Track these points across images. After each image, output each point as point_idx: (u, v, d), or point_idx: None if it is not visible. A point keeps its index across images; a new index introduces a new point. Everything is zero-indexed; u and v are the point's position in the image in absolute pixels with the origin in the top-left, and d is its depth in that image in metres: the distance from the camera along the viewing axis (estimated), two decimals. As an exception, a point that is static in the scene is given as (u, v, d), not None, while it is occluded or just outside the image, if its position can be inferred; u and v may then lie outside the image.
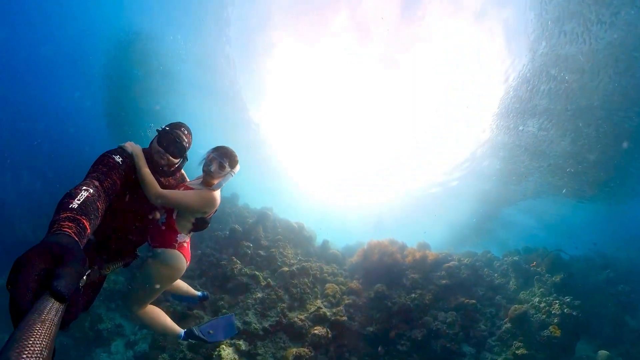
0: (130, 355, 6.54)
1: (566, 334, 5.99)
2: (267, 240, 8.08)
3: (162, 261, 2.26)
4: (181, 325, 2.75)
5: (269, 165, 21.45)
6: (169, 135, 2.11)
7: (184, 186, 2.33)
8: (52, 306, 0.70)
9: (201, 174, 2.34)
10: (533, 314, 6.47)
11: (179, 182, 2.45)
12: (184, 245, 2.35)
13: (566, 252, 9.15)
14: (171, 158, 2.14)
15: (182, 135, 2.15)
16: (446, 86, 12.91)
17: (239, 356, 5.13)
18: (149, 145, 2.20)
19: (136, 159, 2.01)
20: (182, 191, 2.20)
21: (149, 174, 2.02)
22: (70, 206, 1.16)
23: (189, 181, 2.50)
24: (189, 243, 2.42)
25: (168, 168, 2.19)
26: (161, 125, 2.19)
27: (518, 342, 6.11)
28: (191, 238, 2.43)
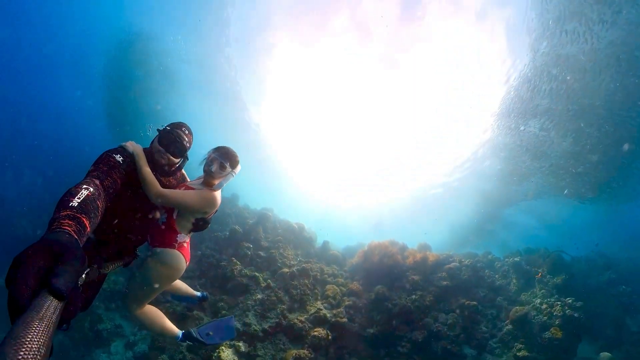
0: (130, 356, 6.53)
1: (568, 335, 5.95)
2: (267, 241, 8.05)
3: (161, 261, 2.26)
4: (181, 326, 2.74)
5: (269, 166, 21.42)
6: (169, 135, 2.12)
7: (185, 186, 2.33)
8: (51, 304, 0.69)
9: (202, 174, 2.33)
10: (534, 315, 6.43)
11: (179, 182, 2.46)
12: (184, 245, 2.35)
13: (567, 253, 9.12)
14: (172, 158, 2.14)
15: (183, 135, 2.16)
16: (446, 86, 12.89)
17: (238, 357, 5.11)
18: (150, 144, 2.21)
19: (137, 158, 2.02)
20: (182, 191, 2.20)
21: (149, 173, 2.03)
22: (70, 204, 1.17)
23: (189, 181, 2.50)
24: (188, 243, 2.42)
25: (169, 168, 2.19)
26: (162, 125, 2.20)
27: (519, 344, 6.08)
28: (191, 238, 2.44)
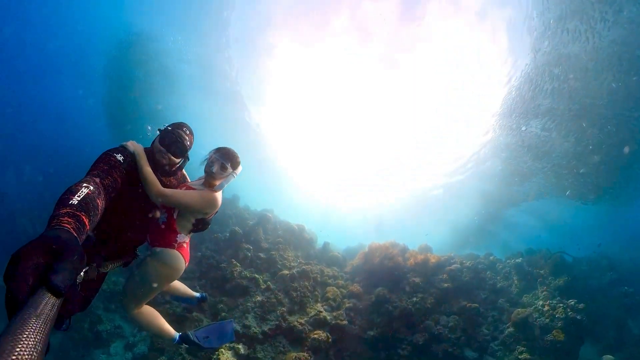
0: (129, 357, 6.51)
1: (570, 338, 5.90)
2: (268, 243, 8.01)
3: (160, 260, 2.25)
4: (180, 328, 2.71)
5: (270, 166, 21.42)
6: (170, 135, 2.13)
7: (186, 186, 2.33)
8: (48, 301, 0.69)
9: (202, 174, 2.33)
10: (536, 317, 6.38)
11: (180, 182, 2.46)
12: (184, 245, 2.34)
13: (569, 254, 9.06)
14: (172, 157, 2.14)
15: (184, 135, 2.17)
16: (447, 86, 12.86)
17: None
18: (151, 144, 2.21)
19: (138, 158, 2.02)
20: (184, 191, 2.19)
21: (150, 172, 2.03)
22: (70, 202, 1.17)
23: (190, 181, 2.49)
24: (188, 244, 2.41)
25: (169, 167, 2.20)
26: (163, 125, 2.21)
27: (521, 347, 6.04)
28: (191, 239, 2.43)
